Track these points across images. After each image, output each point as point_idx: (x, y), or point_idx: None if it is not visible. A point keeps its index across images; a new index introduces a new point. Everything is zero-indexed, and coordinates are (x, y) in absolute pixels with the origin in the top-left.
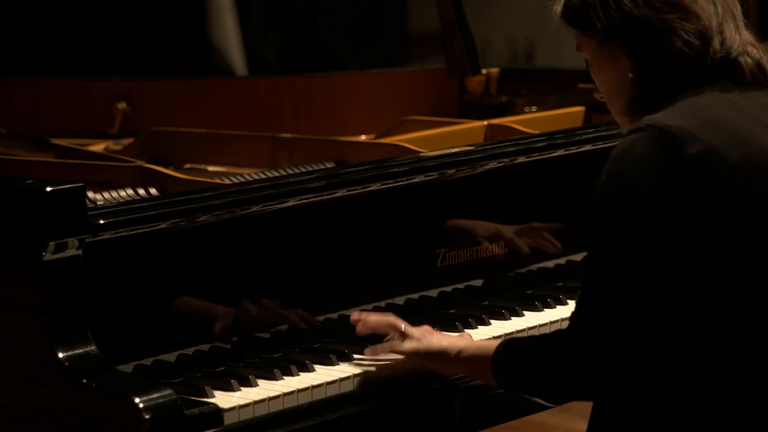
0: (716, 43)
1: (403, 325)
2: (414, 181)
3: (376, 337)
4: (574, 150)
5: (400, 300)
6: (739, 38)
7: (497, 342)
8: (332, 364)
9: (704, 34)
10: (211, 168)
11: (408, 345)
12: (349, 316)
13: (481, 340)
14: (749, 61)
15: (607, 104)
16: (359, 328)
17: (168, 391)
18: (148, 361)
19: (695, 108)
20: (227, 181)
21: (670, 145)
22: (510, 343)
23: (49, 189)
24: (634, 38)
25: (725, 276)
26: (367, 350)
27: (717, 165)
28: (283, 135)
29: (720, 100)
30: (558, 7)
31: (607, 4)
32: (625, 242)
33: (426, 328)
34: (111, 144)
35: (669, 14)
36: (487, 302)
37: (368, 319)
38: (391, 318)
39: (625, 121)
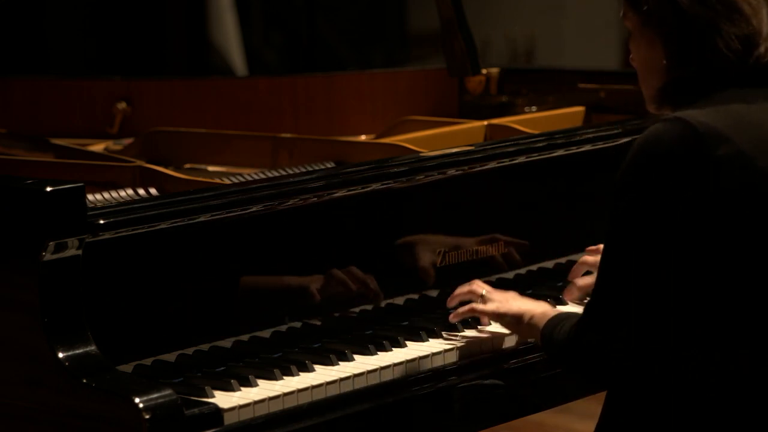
0: (762, 49)
1: (484, 290)
2: (414, 181)
3: (376, 337)
4: (574, 150)
5: (400, 300)
6: None
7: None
8: (332, 364)
9: (751, 39)
10: (211, 168)
11: (488, 306)
12: (348, 316)
13: (554, 309)
14: None
15: (639, 79)
16: (449, 300)
17: (168, 391)
18: (148, 361)
19: (728, 108)
20: (227, 181)
21: (698, 143)
22: (556, 319)
23: (49, 189)
24: (676, 32)
25: (737, 279)
26: (451, 316)
27: (744, 168)
28: (283, 135)
29: (755, 103)
30: None
31: None
32: (638, 234)
33: (511, 293)
34: (111, 144)
35: (719, 14)
36: None
37: (455, 294)
38: (474, 284)
39: (653, 106)
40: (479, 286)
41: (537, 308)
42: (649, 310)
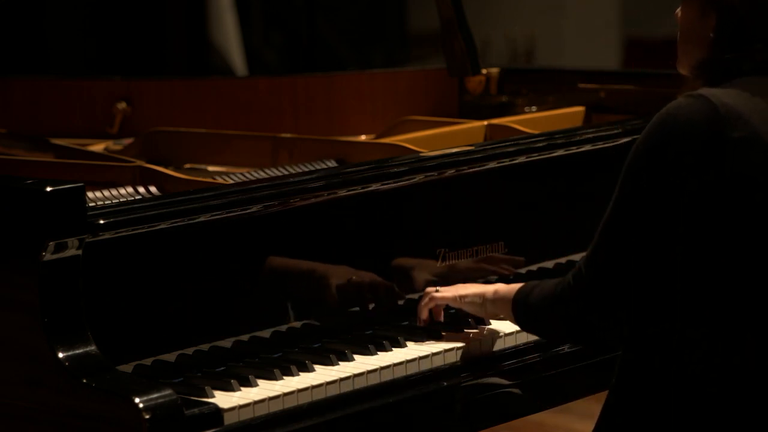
0: None
1: (435, 288)
2: (414, 181)
3: (376, 337)
4: (574, 150)
5: (400, 300)
6: None
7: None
8: (332, 364)
9: None
10: (211, 168)
11: (447, 292)
12: (348, 317)
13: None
14: None
15: (678, 39)
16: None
17: (168, 391)
18: (148, 361)
19: (751, 91)
20: (227, 181)
21: (717, 122)
22: (528, 286)
23: (49, 189)
24: (738, 12)
25: (743, 263)
26: (419, 319)
27: (761, 153)
28: (283, 135)
29: None
30: None
31: None
32: (645, 204)
33: (460, 284)
34: (111, 144)
35: None
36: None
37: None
38: (427, 290)
39: (687, 71)
40: (431, 289)
41: (499, 286)
42: (647, 280)
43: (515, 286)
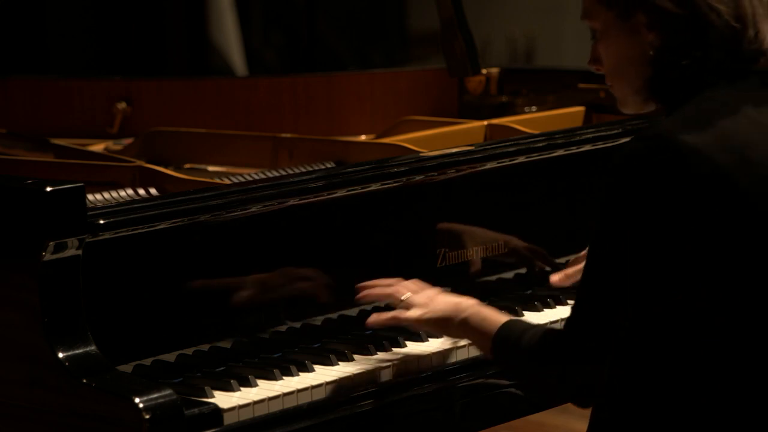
0: (751, 33)
1: (404, 297)
2: (414, 181)
3: (376, 337)
4: (574, 150)
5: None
6: None
7: (500, 319)
8: (332, 364)
9: (742, 19)
10: (211, 168)
11: (412, 314)
12: (348, 317)
13: (485, 309)
14: None
15: (611, 79)
16: (360, 295)
17: (168, 391)
18: (148, 361)
19: (713, 117)
20: (227, 181)
21: (677, 163)
22: (510, 329)
23: (49, 189)
24: (667, 12)
25: (718, 297)
26: (370, 319)
27: (725, 189)
28: (283, 135)
29: (743, 112)
30: None
31: None
32: (615, 255)
33: (434, 290)
34: (111, 144)
35: None
36: (486, 302)
37: (370, 292)
38: (393, 289)
39: (638, 100)
40: (401, 289)
41: (464, 309)
42: (628, 327)
43: (489, 319)
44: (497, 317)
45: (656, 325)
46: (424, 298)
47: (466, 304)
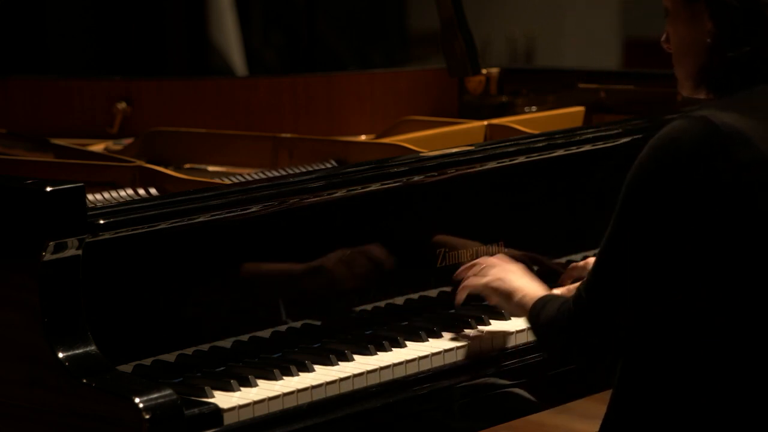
0: None
1: (484, 265)
2: (414, 181)
3: (372, 337)
4: (574, 150)
5: (399, 300)
6: None
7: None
8: (332, 364)
9: None
10: (211, 168)
11: (481, 280)
12: (348, 317)
13: (542, 291)
14: None
15: (673, 60)
16: (456, 275)
17: (168, 391)
18: (147, 361)
19: (759, 106)
20: (227, 181)
21: (720, 144)
22: (541, 301)
23: (49, 189)
24: (728, 4)
25: (749, 281)
26: (456, 300)
27: (764, 175)
28: (283, 135)
29: None
30: None
31: None
32: (644, 230)
33: (514, 266)
34: (111, 144)
35: None
36: (486, 302)
37: (458, 271)
38: (478, 260)
39: (691, 85)
40: (480, 261)
41: (530, 289)
42: (649, 306)
43: (539, 294)
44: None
45: (681, 308)
46: (498, 270)
47: (530, 288)
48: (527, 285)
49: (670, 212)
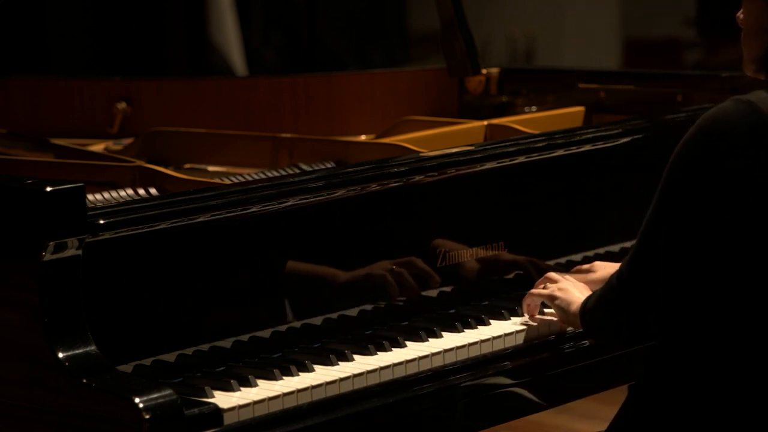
0: None
1: (556, 281)
2: (414, 181)
3: (372, 337)
4: (574, 150)
5: (399, 300)
6: None
7: None
8: (332, 364)
9: None
10: (211, 168)
11: (544, 291)
12: (348, 317)
13: None
14: None
15: (742, 38)
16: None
17: (168, 391)
18: (147, 361)
19: None
20: (227, 181)
21: (764, 131)
22: (589, 296)
23: (49, 189)
24: None
25: None
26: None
27: None
28: (283, 135)
29: None
30: None
31: None
32: (686, 210)
33: (580, 285)
34: (111, 144)
35: None
36: (486, 302)
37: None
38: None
39: (753, 68)
40: (549, 275)
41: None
42: (691, 283)
43: None
44: None
45: (712, 297)
46: (563, 284)
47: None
48: (579, 298)
49: (712, 193)
